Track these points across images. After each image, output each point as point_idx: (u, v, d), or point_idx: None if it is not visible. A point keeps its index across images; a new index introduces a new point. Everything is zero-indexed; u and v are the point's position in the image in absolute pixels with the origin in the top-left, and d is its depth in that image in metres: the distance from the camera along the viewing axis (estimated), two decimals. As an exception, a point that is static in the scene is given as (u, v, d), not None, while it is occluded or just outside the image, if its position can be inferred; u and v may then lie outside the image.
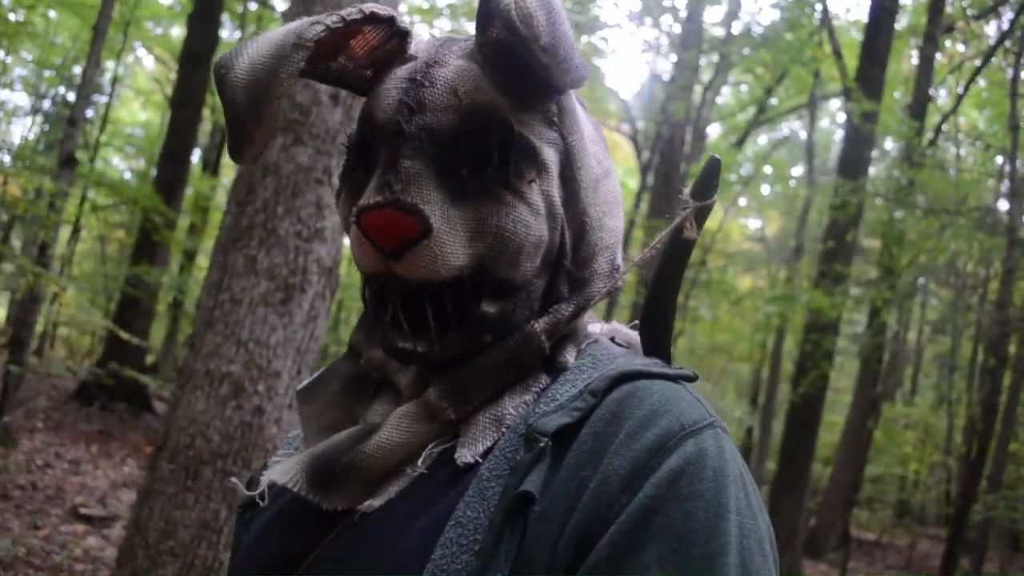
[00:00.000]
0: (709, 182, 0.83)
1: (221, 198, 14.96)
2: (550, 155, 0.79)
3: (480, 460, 0.72)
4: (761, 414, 15.80)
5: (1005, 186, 10.48)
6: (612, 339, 0.89)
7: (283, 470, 0.77)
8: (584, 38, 13.04)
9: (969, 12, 11.49)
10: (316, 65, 0.81)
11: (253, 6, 15.59)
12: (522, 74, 0.76)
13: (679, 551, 0.62)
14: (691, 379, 0.78)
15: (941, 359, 15.78)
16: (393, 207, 0.73)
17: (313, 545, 0.76)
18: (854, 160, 10.24)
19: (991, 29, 12.28)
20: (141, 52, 19.34)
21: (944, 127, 12.75)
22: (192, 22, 11.56)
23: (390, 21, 0.80)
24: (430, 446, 0.76)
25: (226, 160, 16.71)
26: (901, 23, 12.43)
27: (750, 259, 20.57)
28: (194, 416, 3.18)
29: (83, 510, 6.10)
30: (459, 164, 0.76)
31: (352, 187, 0.82)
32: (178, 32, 16.73)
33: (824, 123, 20.08)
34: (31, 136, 19.69)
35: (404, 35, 0.82)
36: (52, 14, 14.12)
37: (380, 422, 0.78)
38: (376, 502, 0.74)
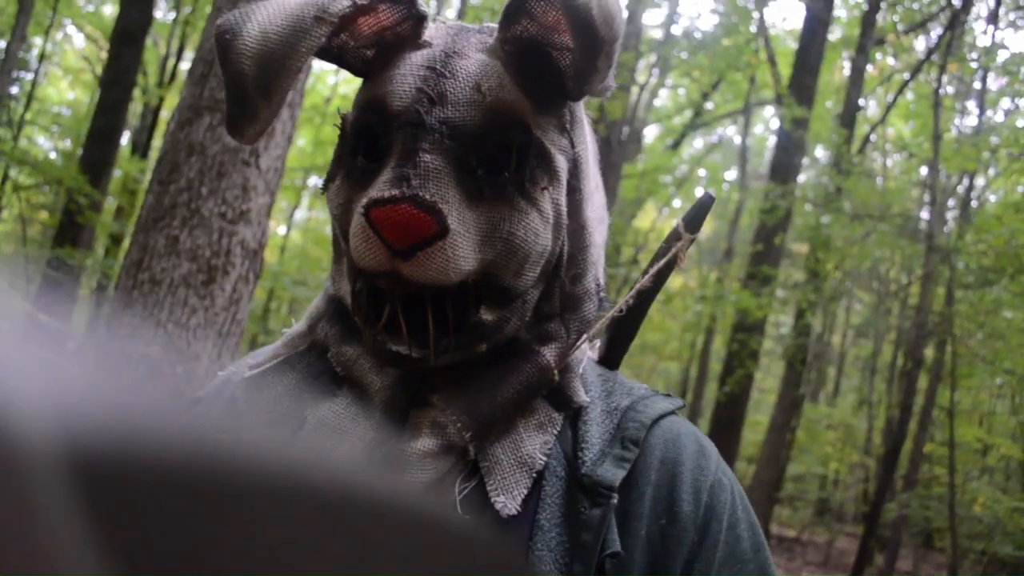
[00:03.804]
0: (701, 217, 0.87)
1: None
2: (561, 163, 0.76)
3: (520, 510, 0.71)
4: (688, 413, 16.06)
5: (927, 195, 10.82)
6: None
7: None
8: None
9: (899, 26, 11.81)
10: None
11: (189, -13, 15.26)
12: (542, 76, 0.73)
13: (741, 570, 0.76)
14: (682, 407, 0.86)
15: (863, 362, 16.22)
16: (411, 203, 0.68)
17: None
18: (785, 165, 10.45)
19: (920, 44, 12.67)
20: (71, 29, 18.80)
21: (872, 137, 13.11)
22: (125, 0, 11.27)
23: (410, 3, 0.75)
24: (458, 484, 0.73)
25: (156, 143, 16.34)
26: (835, 34, 12.73)
27: (683, 260, 20.80)
28: (109, 398, 3.10)
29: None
30: (476, 164, 0.72)
31: (353, 175, 0.75)
32: (110, 10, 16.31)
33: (758, 129, 20.48)
34: (-49, 111, 18.99)
35: (421, 19, 0.76)
36: (-24, -15, 13.64)
37: (347, 427, 0.74)
38: None
